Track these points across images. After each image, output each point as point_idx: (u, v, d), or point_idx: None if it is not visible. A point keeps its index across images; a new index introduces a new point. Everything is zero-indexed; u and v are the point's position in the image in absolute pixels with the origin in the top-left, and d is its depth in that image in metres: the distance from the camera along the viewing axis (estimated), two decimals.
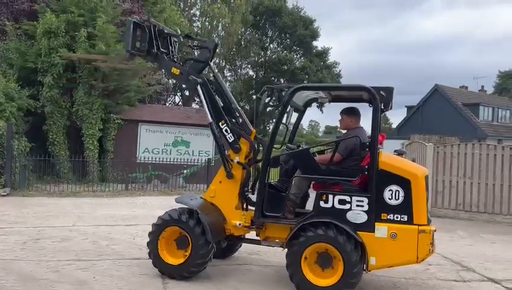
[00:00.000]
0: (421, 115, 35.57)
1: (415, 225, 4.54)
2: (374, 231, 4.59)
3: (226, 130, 5.34)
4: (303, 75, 39.72)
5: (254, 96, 40.03)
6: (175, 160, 14.73)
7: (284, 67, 40.33)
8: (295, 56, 42.27)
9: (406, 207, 4.55)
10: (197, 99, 39.67)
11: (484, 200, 10.34)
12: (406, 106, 40.33)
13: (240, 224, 5.20)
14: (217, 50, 5.76)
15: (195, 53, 6.17)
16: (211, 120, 5.39)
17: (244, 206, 5.42)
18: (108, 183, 13.93)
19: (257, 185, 5.26)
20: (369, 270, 4.80)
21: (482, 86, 41.56)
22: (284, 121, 5.34)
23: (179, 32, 6.00)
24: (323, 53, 42.34)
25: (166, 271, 5.16)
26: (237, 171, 5.29)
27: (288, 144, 5.68)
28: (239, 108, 5.55)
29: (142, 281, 5.13)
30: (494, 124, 34.98)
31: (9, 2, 16.16)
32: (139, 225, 8.30)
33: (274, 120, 46.65)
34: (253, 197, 5.37)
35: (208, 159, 15.36)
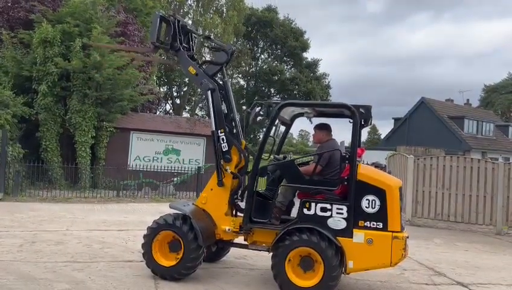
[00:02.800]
0: (408, 127, 36.40)
1: (389, 231, 4.98)
2: (352, 237, 5.02)
3: (222, 139, 5.70)
4: (293, 86, 40.34)
5: (244, 107, 40.49)
6: (165, 168, 15.10)
7: (275, 78, 40.94)
8: (285, 67, 42.96)
9: (381, 215, 5.00)
10: (188, 107, 40.03)
11: (461, 211, 10.85)
12: (393, 118, 41.19)
13: (229, 229, 5.59)
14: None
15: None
16: (214, 128, 5.71)
17: (234, 213, 5.82)
18: (100, 190, 14.22)
19: (246, 193, 5.67)
20: (348, 273, 5.24)
21: (468, 100, 42.66)
22: (271, 133, 5.78)
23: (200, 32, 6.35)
24: (313, 64, 43.10)
25: (159, 272, 5.52)
26: (228, 179, 5.70)
27: (276, 156, 6.13)
28: (237, 118, 5.97)
29: (135, 281, 5.49)
30: (479, 137, 35.90)
31: (5, 11, 16.50)
32: (130, 230, 8.64)
33: (264, 128, 47.02)
34: (242, 205, 5.78)
35: (198, 167, 15.74)
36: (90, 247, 7.19)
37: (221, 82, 6.05)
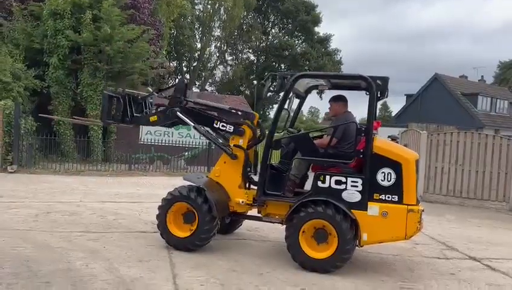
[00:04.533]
0: (420, 104, 35.91)
1: (405, 204, 4.94)
2: (366, 210, 4.99)
3: (222, 125, 5.71)
4: (304, 62, 39.86)
5: (255, 82, 40.27)
6: (177, 142, 15.11)
7: (285, 53, 40.45)
8: (296, 42, 42.35)
9: (396, 188, 4.95)
10: (198, 83, 39.93)
11: (474, 187, 10.77)
12: (405, 94, 40.65)
13: (242, 202, 5.59)
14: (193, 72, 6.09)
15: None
16: (202, 133, 5.86)
17: (247, 186, 5.82)
18: (112, 164, 14.34)
19: (259, 166, 5.65)
20: (361, 246, 5.23)
21: (482, 76, 41.77)
22: (285, 106, 5.70)
23: (150, 91, 6.41)
24: (325, 40, 42.40)
25: (173, 243, 5.58)
26: (240, 152, 5.67)
27: (289, 128, 6.06)
28: (232, 107, 5.96)
29: (149, 251, 5.56)
30: (492, 114, 35.34)
31: None
32: (143, 202, 8.72)
33: (275, 105, 46.69)
34: (256, 178, 5.77)
35: (209, 142, 15.73)
36: (103, 218, 7.28)
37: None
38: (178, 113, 5.78)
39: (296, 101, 6.38)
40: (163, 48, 20.05)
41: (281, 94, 5.67)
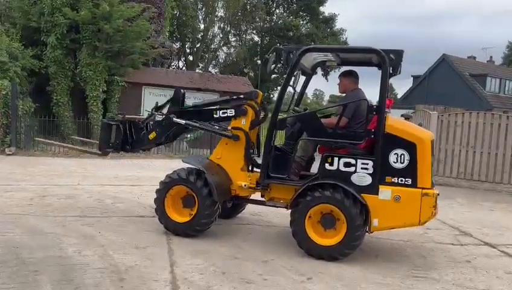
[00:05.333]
0: (427, 85, 35.23)
1: (419, 188, 4.59)
2: (377, 194, 4.65)
3: (223, 112, 5.38)
4: (309, 42, 39.11)
5: (259, 61, 39.65)
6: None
7: (290, 34, 39.71)
8: (301, 22, 41.53)
9: (410, 171, 4.59)
10: (201, 65, 39.40)
11: (486, 170, 10.39)
12: (412, 76, 39.91)
13: (245, 185, 5.27)
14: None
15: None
16: (202, 129, 5.59)
17: (250, 168, 5.48)
18: None
19: (263, 148, 5.29)
20: (372, 232, 4.90)
21: (491, 57, 40.88)
22: (291, 84, 5.32)
23: (149, 111, 5.98)
24: (330, 20, 41.56)
25: (171, 228, 5.28)
26: (242, 133, 5.33)
27: (295, 108, 5.68)
28: (231, 97, 5.61)
29: (146, 237, 5.26)
30: (501, 95, 34.69)
31: None
32: (143, 185, 8.43)
33: (278, 87, 46.10)
34: (259, 160, 5.44)
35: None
36: (101, 202, 6.99)
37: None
38: (174, 119, 5.47)
39: (299, 83, 5.97)
40: (165, 27, 19.50)
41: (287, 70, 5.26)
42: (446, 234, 6.32)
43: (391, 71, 4.93)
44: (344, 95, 5.38)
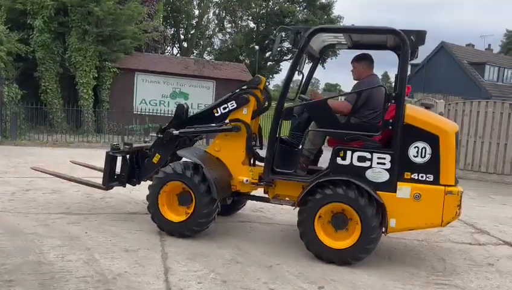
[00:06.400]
0: (425, 74, 34.68)
1: (442, 185, 4.13)
2: (395, 191, 4.18)
3: (224, 108, 4.90)
4: None
5: (257, 47, 38.98)
6: (173, 112, 14.16)
7: (286, 20, 38.89)
8: (298, 8, 40.76)
9: (432, 166, 4.13)
10: (196, 51, 38.64)
11: (494, 161, 9.98)
12: (410, 64, 39.35)
13: (247, 180, 4.77)
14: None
15: None
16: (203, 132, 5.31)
17: (251, 162, 4.98)
18: (104, 135, 13.49)
19: (267, 139, 4.78)
20: (388, 233, 4.43)
21: (489, 45, 40.40)
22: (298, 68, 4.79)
23: (158, 135, 5.38)
24: (327, 6, 40.81)
25: (166, 228, 4.79)
26: (242, 124, 4.81)
27: (302, 95, 5.15)
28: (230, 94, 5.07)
29: (137, 237, 4.77)
30: (500, 84, 34.26)
31: None
32: None
33: (275, 75, 45.32)
34: (262, 153, 4.94)
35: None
36: (89, 196, 6.47)
37: None
38: (174, 132, 5.00)
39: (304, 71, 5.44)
40: (159, 11, 18.76)
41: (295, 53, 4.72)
42: (462, 232, 5.88)
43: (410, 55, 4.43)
44: (357, 82, 4.84)
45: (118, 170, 5.47)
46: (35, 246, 4.32)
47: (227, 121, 4.86)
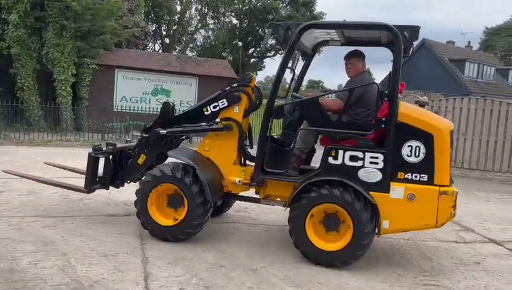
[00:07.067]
0: (407, 70, 34.86)
1: (436, 185, 4.02)
2: (388, 192, 4.07)
3: (214, 106, 4.71)
4: None
5: (240, 43, 38.74)
6: (155, 110, 13.90)
7: (269, 17, 38.73)
8: (281, 5, 40.64)
9: (426, 165, 4.02)
10: (178, 48, 38.21)
11: (476, 157, 10.05)
12: (391, 61, 39.62)
13: (239, 181, 4.61)
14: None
15: None
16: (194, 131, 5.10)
17: (242, 161, 4.83)
18: (83, 133, 13.15)
19: (258, 139, 4.63)
20: (381, 234, 4.31)
21: (469, 42, 41.01)
22: (289, 65, 4.66)
23: (143, 135, 5.16)
24: (310, 3, 40.78)
25: (159, 233, 4.59)
26: (234, 123, 4.66)
27: (294, 93, 5.00)
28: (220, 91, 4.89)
29: (117, 241, 4.57)
30: (479, 81, 34.80)
31: None
32: None
33: (259, 72, 45.01)
34: (252, 152, 4.80)
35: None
36: (66, 198, 6.23)
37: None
38: (161, 131, 4.78)
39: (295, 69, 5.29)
40: (139, 6, 18.39)
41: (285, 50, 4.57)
42: (447, 230, 5.83)
43: (403, 52, 4.33)
44: (349, 79, 4.71)
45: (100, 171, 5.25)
46: (7, 252, 4.10)
47: (218, 120, 4.68)
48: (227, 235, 5.05)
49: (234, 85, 4.75)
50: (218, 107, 4.69)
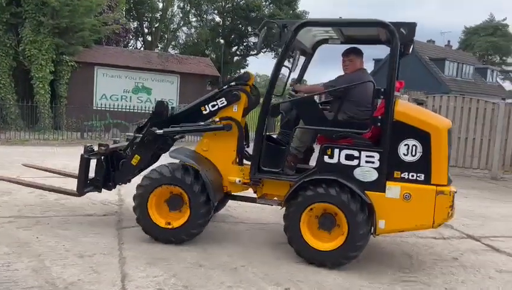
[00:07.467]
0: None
1: (433, 185, 3.98)
2: (384, 191, 4.02)
3: (212, 105, 4.63)
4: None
5: (222, 41, 38.59)
6: (136, 108, 13.73)
7: (252, 15, 38.70)
8: (264, 3, 40.61)
9: (423, 164, 3.97)
10: (160, 45, 37.85)
11: (456, 154, 10.19)
12: (373, 59, 40.07)
13: (239, 181, 4.56)
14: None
15: None
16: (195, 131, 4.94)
17: (240, 161, 4.75)
18: (62, 132, 12.90)
19: (254, 137, 4.57)
20: (377, 235, 4.27)
21: (449, 41, 41.73)
22: (288, 65, 4.64)
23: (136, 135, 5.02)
24: (293, 1, 40.85)
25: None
26: (233, 122, 4.61)
27: (291, 92, 4.95)
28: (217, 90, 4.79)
29: (94, 241, 4.48)
30: (458, 79, 35.44)
31: None
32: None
33: (242, 70, 45.08)
34: (249, 151, 4.76)
35: (172, 107, 14.43)
36: (43, 198, 6.10)
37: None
38: (158, 131, 4.67)
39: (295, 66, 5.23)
40: (120, 3, 18.13)
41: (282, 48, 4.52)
42: None
43: (402, 50, 4.34)
44: (343, 75, 4.66)
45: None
46: None
47: (217, 119, 4.62)
48: (208, 234, 4.98)
49: (232, 84, 4.68)
50: (217, 106, 4.62)
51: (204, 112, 4.69)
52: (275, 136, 4.95)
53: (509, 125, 9.81)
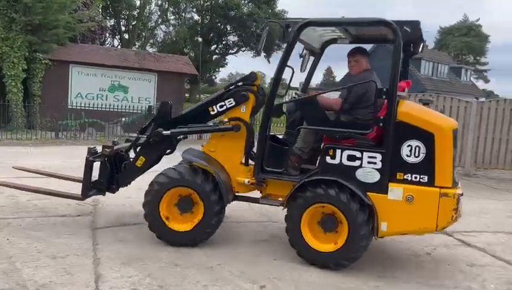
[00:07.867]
0: None
1: (437, 187, 3.90)
2: (386, 193, 3.96)
3: (220, 106, 4.57)
4: (251, 22, 38.41)
5: (200, 39, 38.40)
6: (112, 107, 13.51)
7: (231, 13, 38.65)
8: (243, 1, 40.58)
9: (426, 166, 3.90)
10: (138, 43, 37.39)
11: None
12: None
13: (248, 181, 4.51)
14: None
15: None
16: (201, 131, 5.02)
17: (248, 162, 4.72)
18: (36, 131, 12.61)
19: (257, 137, 4.54)
20: (380, 237, 4.24)
21: (425, 41, 42.41)
22: (294, 66, 4.64)
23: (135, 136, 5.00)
24: (271, 0, 40.97)
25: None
26: (241, 123, 4.56)
27: (297, 92, 4.92)
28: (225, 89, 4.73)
29: (67, 242, 4.40)
30: (434, 78, 36.21)
31: None
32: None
33: (221, 69, 44.73)
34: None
35: (149, 106, 14.29)
36: (15, 199, 5.95)
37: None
38: (164, 132, 4.59)
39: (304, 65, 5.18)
40: (96, 0, 17.81)
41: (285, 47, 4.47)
42: None
43: (412, 48, 4.37)
44: (353, 77, 4.65)
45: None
46: None
47: (225, 119, 4.58)
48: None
49: (239, 84, 4.62)
50: (225, 107, 4.55)
51: (212, 113, 4.63)
52: (280, 137, 4.92)
53: (481, 123, 10.06)
